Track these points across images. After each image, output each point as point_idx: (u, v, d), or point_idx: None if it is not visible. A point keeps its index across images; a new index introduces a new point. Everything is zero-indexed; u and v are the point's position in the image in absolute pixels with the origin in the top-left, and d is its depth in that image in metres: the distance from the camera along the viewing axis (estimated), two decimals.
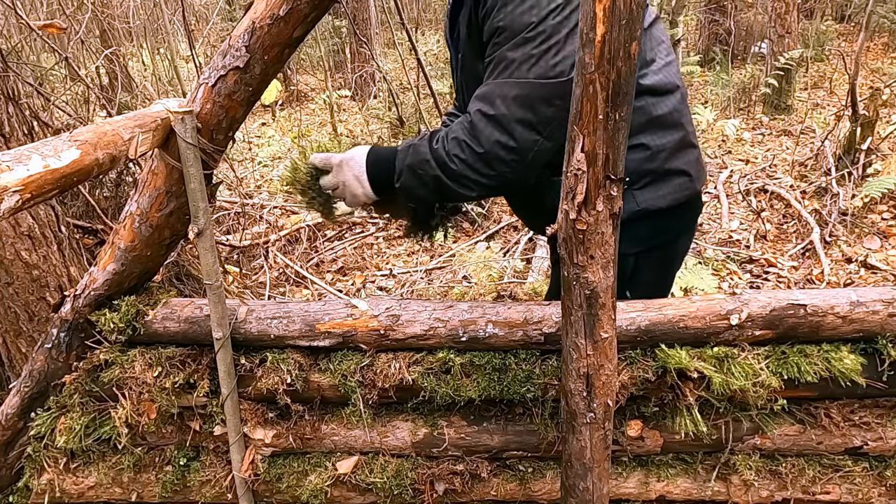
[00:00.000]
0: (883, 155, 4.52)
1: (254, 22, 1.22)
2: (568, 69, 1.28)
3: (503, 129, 1.32)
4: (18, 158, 0.96)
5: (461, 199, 1.48)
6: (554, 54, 1.28)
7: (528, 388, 1.43)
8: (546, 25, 1.27)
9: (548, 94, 1.30)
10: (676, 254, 1.69)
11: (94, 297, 1.46)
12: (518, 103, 1.31)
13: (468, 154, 1.36)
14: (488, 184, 1.37)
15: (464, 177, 1.37)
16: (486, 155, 1.35)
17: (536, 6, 1.27)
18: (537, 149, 1.34)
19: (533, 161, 1.35)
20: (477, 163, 1.36)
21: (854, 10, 10.58)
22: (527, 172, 1.37)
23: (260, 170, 6.07)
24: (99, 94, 3.45)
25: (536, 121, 1.31)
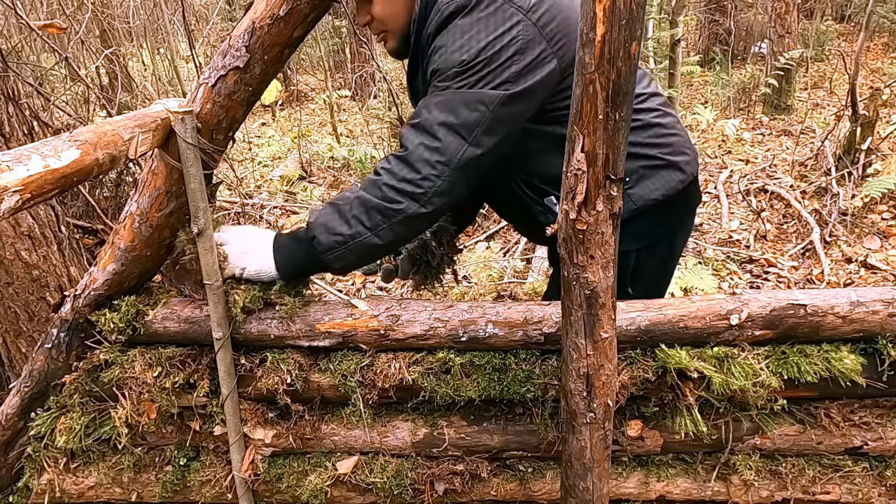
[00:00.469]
0: (883, 155, 4.52)
1: (254, 22, 1.22)
2: (496, 86, 1.32)
3: (425, 131, 1.34)
4: (18, 158, 0.96)
5: (398, 226, 1.37)
6: (479, 78, 1.32)
7: (528, 388, 1.43)
8: (475, 60, 1.32)
9: (469, 99, 1.33)
10: (676, 246, 1.70)
11: (94, 297, 1.46)
12: (440, 108, 1.34)
13: (393, 163, 1.36)
14: (417, 192, 1.33)
15: (390, 188, 1.34)
16: (410, 156, 1.34)
17: (466, 45, 1.33)
18: (463, 153, 1.33)
19: (462, 167, 1.34)
20: (402, 169, 1.34)
21: (854, 10, 10.58)
22: (457, 180, 1.35)
23: (260, 170, 6.07)
24: (99, 94, 3.45)
25: (459, 123, 1.32)
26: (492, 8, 1.35)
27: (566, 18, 1.42)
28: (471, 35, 1.34)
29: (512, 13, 1.35)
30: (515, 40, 1.33)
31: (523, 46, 1.34)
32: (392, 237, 1.38)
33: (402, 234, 1.40)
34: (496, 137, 1.36)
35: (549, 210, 1.54)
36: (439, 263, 1.83)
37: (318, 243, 1.39)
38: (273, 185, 5.50)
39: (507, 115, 1.35)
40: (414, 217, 1.36)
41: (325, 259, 1.40)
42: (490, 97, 1.32)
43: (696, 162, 1.61)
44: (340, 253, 1.38)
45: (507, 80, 1.32)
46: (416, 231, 1.48)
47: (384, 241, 1.38)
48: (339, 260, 1.40)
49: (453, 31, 1.36)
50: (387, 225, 1.36)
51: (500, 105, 1.33)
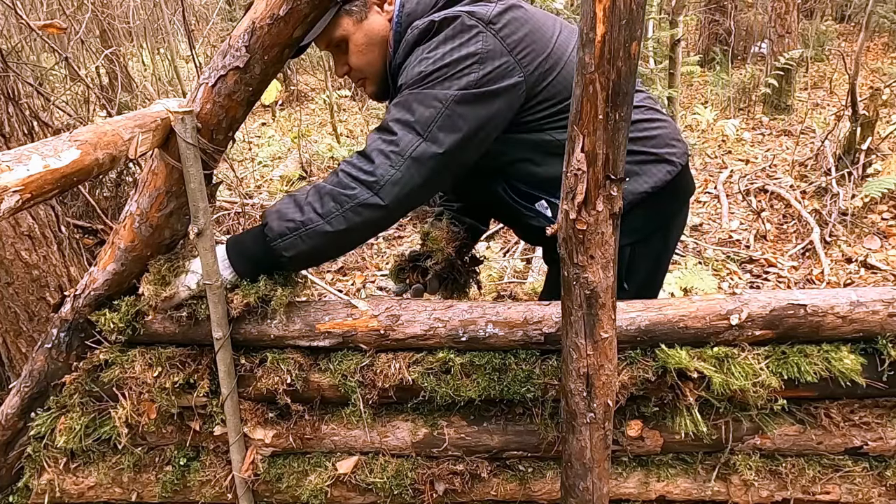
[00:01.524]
0: (883, 155, 4.52)
1: (254, 22, 1.22)
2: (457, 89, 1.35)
3: (383, 129, 1.39)
4: (18, 158, 0.96)
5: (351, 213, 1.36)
6: (435, 83, 1.36)
7: (528, 388, 1.43)
8: (432, 70, 1.37)
9: (424, 98, 1.36)
10: (671, 239, 1.72)
11: (94, 297, 1.46)
12: (397, 108, 1.39)
13: (353, 157, 1.40)
14: (369, 180, 1.34)
15: (346, 174, 1.36)
16: (367, 149, 1.38)
17: (425, 60, 1.38)
18: (417, 146, 1.35)
19: (415, 159, 1.34)
20: (360, 160, 1.37)
21: (854, 10, 10.58)
22: (411, 173, 1.35)
23: (260, 170, 6.07)
24: (99, 94, 3.45)
25: (413, 119, 1.35)
26: (454, 25, 1.38)
27: (532, 31, 1.44)
28: (432, 50, 1.39)
29: (472, 25, 1.38)
30: (475, 52, 1.36)
31: (483, 57, 1.36)
32: (344, 225, 1.36)
33: (356, 223, 1.36)
34: (455, 136, 1.36)
35: (541, 214, 1.56)
36: (466, 279, 1.89)
37: (270, 230, 1.38)
38: (273, 185, 5.50)
39: (466, 114, 1.36)
40: (366, 205, 1.35)
41: (276, 247, 1.38)
42: (444, 94, 1.35)
43: (685, 153, 1.62)
44: (291, 240, 1.37)
45: (464, 86, 1.36)
46: (371, 223, 1.40)
47: (335, 229, 1.36)
48: (290, 247, 1.38)
49: (417, 52, 1.41)
50: (339, 212, 1.35)
51: (456, 102, 1.35)
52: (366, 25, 1.50)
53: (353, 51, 1.53)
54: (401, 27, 1.50)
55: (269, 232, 1.38)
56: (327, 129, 7.30)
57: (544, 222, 1.54)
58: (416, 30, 1.42)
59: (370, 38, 1.51)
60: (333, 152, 6.03)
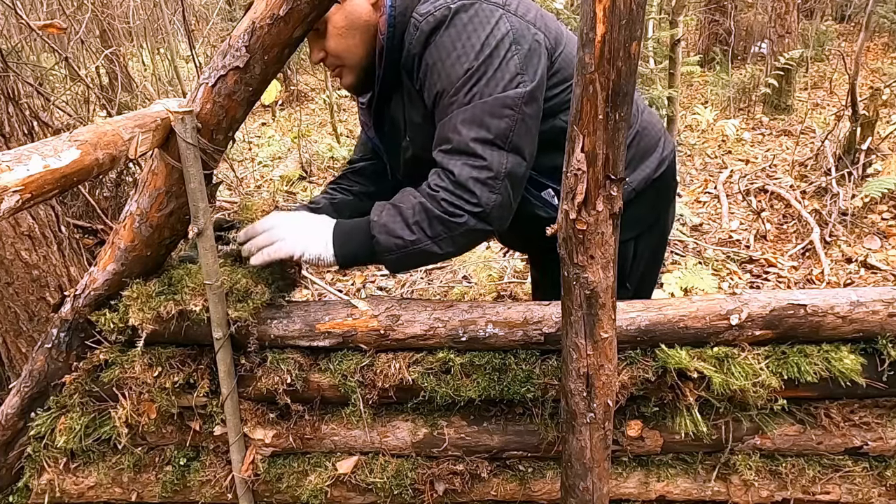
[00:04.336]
0: (883, 155, 4.52)
1: (254, 22, 1.22)
2: (509, 84, 1.32)
3: (464, 153, 1.34)
4: (18, 158, 0.96)
5: (460, 238, 1.39)
6: (488, 80, 1.33)
7: (528, 388, 1.43)
8: (477, 64, 1.33)
9: (491, 108, 1.32)
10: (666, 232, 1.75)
11: (94, 297, 1.46)
12: (467, 125, 1.33)
13: (447, 183, 1.36)
14: (476, 211, 1.35)
15: (450, 203, 1.34)
16: (460, 178, 1.34)
17: (463, 55, 1.33)
18: (507, 163, 1.34)
19: (508, 175, 1.35)
20: (457, 189, 1.35)
21: (854, 10, 10.58)
22: (509, 189, 1.36)
23: (260, 170, 6.08)
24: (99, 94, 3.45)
25: (493, 136, 1.33)
26: (472, 11, 1.35)
27: (537, 10, 1.45)
28: (462, 43, 1.34)
29: (491, 10, 1.36)
30: (507, 34, 1.34)
31: (516, 37, 1.35)
32: (452, 248, 1.40)
33: (462, 244, 1.42)
34: (529, 137, 1.37)
35: (548, 203, 1.55)
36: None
37: (378, 243, 1.39)
38: (273, 185, 5.50)
39: (533, 112, 1.36)
40: (475, 230, 1.38)
41: (382, 258, 1.41)
42: (512, 99, 1.33)
43: (672, 142, 1.66)
44: (398, 256, 1.40)
45: (515, 72, 1.33)
46: (476, 243, 1.52)
47: (443, 251, 1.40)
48: (396, 263, 1.42)
49: (442, 46, 1.36)
50: (448, 236, 1.37)
51: (525, 104, 1.34)
52: (347, 7, 1.43)
53: (331, 33, 1.44)
54: (395, 10, 1.43)
55: (377, 245, 1.39)
56: (327, 129, 7.30)
57: (551, 212, 1.54)
58: (430, 17, 1.36)
59: (351, 21, 1.44)
60: (333, 152, 6.04)
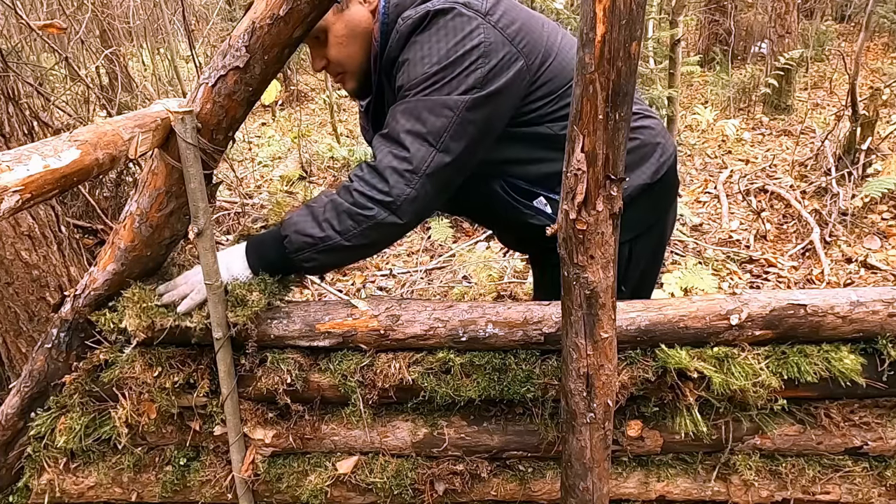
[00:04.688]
0: (883, 155, 4.52)
1: (254, 22, 1.22)
2: (465, 91, 1.32)
3: (393, 140, 1.35)
4: (18, 158, 0.96)
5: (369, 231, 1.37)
6: (443, 84, 1.33)
7: (528, 388, 1.43)
8: (438, 69, 1.33)
9: (434, 105, 1.33)
10: (665, 236, 1.73)
11: (94, 297, 1.46)
12: (405, 116, 1.34)
13: (365, 171, 1.36)
14: (387, 201, 1.33)
15: (360, 194, 1.34)
16: (379, 165, 1.35)
17: (427, 56, 1.34)
18: (432, 160, 1.33)
19: (430, 174, 1.33)
20: (373, 177, 1.34)
21: (854, 10, 10.58)
22: (427, 188, 1.35)
23: (260, 170, 6.08)
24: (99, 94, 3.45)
25: (426, 131, 1.33)
26: (449, 16, 1.35)
27: (525, 21, 1.43)
28: (431, 45, 1.35)
29: (469, 18, 1.35)
30: (478, 46, 1.34)
31: (487, 50, 1.34)
32: (363, 241, 1.38)
33: (374, 239, 1.40)
34: (464, 142, 1.35)
35: (540, 212, 1.54)
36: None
37: (290, 242, 1.39)
38: (273, 185, 5.50)
39: (476, 119, 1.35)
40: (384, 224, 1.36)
41: (294, 259, 1.40)
42: (455, 102, 1.32)
43: (673, 144, 1.64)
44: (309, 254, 1.39)
45: (473, 85, 1.33)
46: (389, 238, 1.47)
47: (354, 244, 1.38)
48: (308, 260, 1.41)
49: (414, 46, 1.37)
50: (357, 230, 1.36)
51: (467, 109, 1.33)
52: (347, 16, 1.44)
53: (332, 42, 1.46)
54: (388, 18, 1.44)
55: (289, 244, 1.39)
56: (327, 129, 7.30)
57: (544, 220, 1.53)
58: (409, 20, 1.38)
59: (351, 29, 1.46)
60: (333, 152, 6.03)
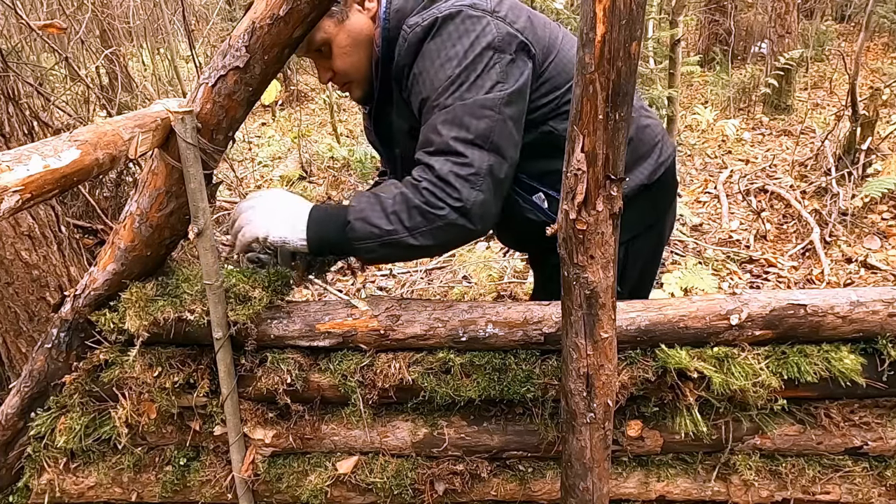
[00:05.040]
0: (883, 155, 4.52)
1: (254, 22, 1.22)
2: (490, 89, 1.32)
3: (445, 152, 1.33)
4: (18, 158, 0.96)
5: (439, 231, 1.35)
6: (470, 85, 1.33)
7: (528, 388, 1.43)
8: (459, 70, 1.33)
9: (471, 109, 1.32)
10: (663, 237, 1.74)
11: (94, 297, 1.46)
12: (447, 126, 1.33)
13: (429, 175, 1.33)
14: (458, 205, 1.31)
15: (431, 193, 1.31)
16: (440, 172, 1.32)
17: (447, 62, 1.34)
18: (488, 161, 1.33)
19: (490, 174, 1.33)
20: (440, 182, 1.32)
21: (854, 10, 10.58)
22: (493, 190, 1.34)
23: (260, 170, 6.08)
24: (99, 94, 3.45)
25: (473, 136, 1.32)
26: (458, 20, 1.36)
27: (529, 17, 1.45)
28: (447, 50, 1.35)
29: (478, 17, 1.36)
30: (491, 42, 1.34)
31: (500, 44, 1.35)
32: (430, 241, 1.35)
33: (441, 240, 1.36)
34: (510, 138, 1.36)
35: (538, 207, 1.55)
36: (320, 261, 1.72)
37: (353, 230, 1.35)
38: (273, 185, 5.50)
39: (513, 114, 1.36)
40: (455, 225, 1.33)
41: (356, 247, 1.37)
42: (492, 100, 1.32)
43: (672, 145, 1.64)
44: (372, 245, 1.36)
45: (497, 80, 1.33)
46: (456, 241, 1.44)
47: (420, 244, 1.35)
48: (369, 253, 1.38)
49: (427, 55, 1.37)
50: (427, 228, 1.33)
51: (505, 105, 1.33)
52: (348, 26, 1.44)
53: (337, 54, 1.47)
54: (389, 23, 1.44)
55: (352, 232, 1.35)
56: (327, 129, 7.30)
57: (541, 216, 1.54)
58: (418, 27, 1.38)
59: (354, 38, 1.46)
60: (333, 152, 6.03)
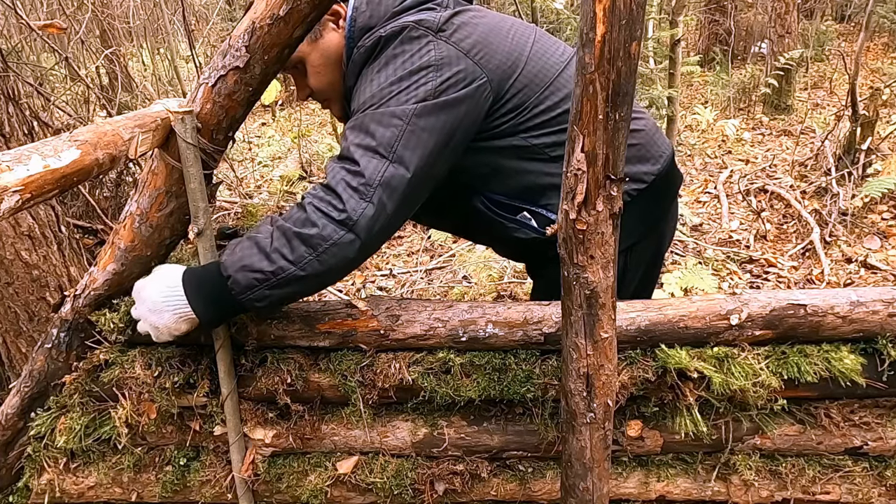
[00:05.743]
0: (883, 155, 4.52)
1: (254, 22, 1.22)
2: (414, 101, 1.27)
3: (343, 158, 1.28)
4: (18, 158, 0.96)
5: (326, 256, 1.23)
6: (392, 97, 1.28)
7: (528, 388, 1.43)
8: (386, 85, 1.30)
9: (379, 117, 1.27)
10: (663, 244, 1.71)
11: (94, 297, 1.46)
12: (354, 132, 1.28)
13: (318, 190, 1.25)
14: (341, 218, 1.22)
15: (314, 210, 1.22)
16: (331, 182, 1.24)
17: (376, 80, 1.32)
18: (384, 172, 1.23)
19: (384, 185, 1.23)
20: (326, 194, 1.24)
21: (854, 10, 10.59)
22: (386, 203, 1.24)
23: (260, 170, 6.08)
24: (99, 94, 3.45)
25: (375, 143, 1.25)
26: (397, 41, 1.32)
27: (486, 31, 1.38)
28: (381, 68, 1.32)
29: (419, 37, 1.32)
30: (428, 62, 1.29)
31: (438, 64, 1.29)
32: (320, 268, 1.23)
33: (331, 265, 1.24)
34: (419, 152, 1.26)
35: (525, 225, 1.52)
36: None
37: (236, 283, 1.24)
38: (273, 185, 5.50)
39: (428, 127, 1.27)
40: (341, 244, 1.23)
41: (244, 300, 1.25)
42: (403, 111, 1.26)
43: (670, 146, 1.60)
44: (261, 291, 1.24)
45: (423, 97, 1.27)
46: (347, 262, 1.28)
47: (310, 273, 1.23)
48: (260, 299, 1.25)
49: (363, 77, 1.35)
50: (312, 256, 1.22)
51: (416, 116, 1.26)
52: (321, 45, 1.43)
53: (311, 73, 1.45)
54: (353, 43, 1.40)
55: (235, 286, 1.24)
56: (327, 129, 7.30)
57: (530, 233, 1.52)
58: (363, 49, 1.35)
59: (327, 57, 1.44)
60: (333, 152, 6.03)
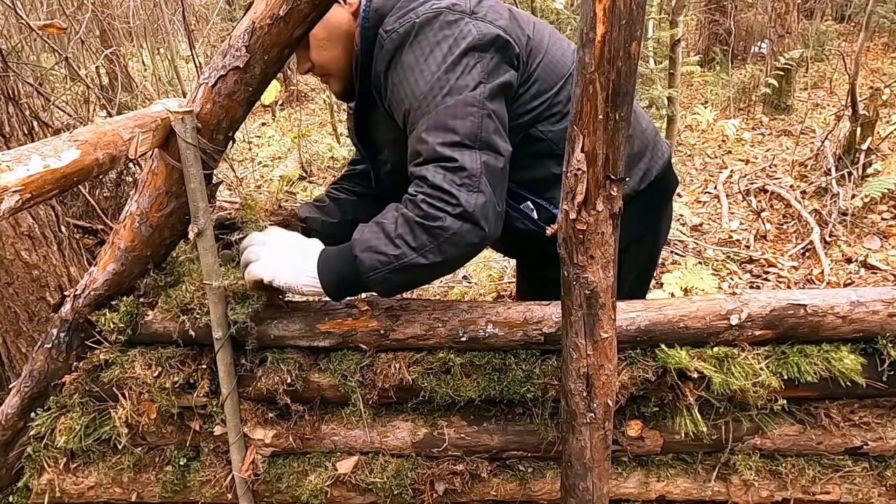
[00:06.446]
0: (883, 155, 4.52)
1: (254, 22, 1.22)
2: (474, 86, 1.28)
3: (436, 159, 1.28)
4: (18, 158, 0.96)
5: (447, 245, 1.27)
6: (450, 88, 1.29)
7: (528, 388, 1.43)
8: (439, 75, 1.30)
9: (453, 111, 1.27)
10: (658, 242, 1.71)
11: (94, 297, 1.46)
12: (432, 133, 1.28)
13: (424, 188, 1.26)
14: (458, 211, 1.24)
15: (430, 205, 1.25)
16: (436, 183, 1.26)
17: (426, 70, 1.31)
18: (480, 161, 1.27)
19: (485, 174, 1.27)
20: (436, 192, 1.25)
21: (854, 10, 10.59)
22: (491, 189, 1.28)
23: (260, 170, 6.08)
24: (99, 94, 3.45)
25: (459, 138, 1.27)
26: (435, 25, 1.32)
27: (511, 17, 1.42)
28: (425, 58, 1.31)
29: (456, 20, 1.32)
30: (471, 43, 1.30)
31: (481, 44, 1.31)
32: (440, 257, 1.27)
33: (451, 254, 1.28)
34: (500, 132, 1.31)
35: (526, 216, 1.53)
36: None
37: (361, 263, 1.29)
38: (273, 185, 5.50)
39: (497, 109, 1.31)
40: (461, 234, 1.26)
41: (367, 279, 1.30)
42: (473, 97, 1.28)
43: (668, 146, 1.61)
44: (384, 274, 1.29)
45: (479, 79, 1.30)
46: (468, 251, 1.32)
47: (430, 262, 1.27)
48: (384, 283, 1.31)
49: (406, 64, 1.33)
50: (434, 244, 1.25)
51: (487, 100, 1.29)
52: (326, 18, 1.40)
53: (313, 45, 1.45)
54: (368, 23, 1.41)
55: (360, 266, 1.29)
56: (327, 129, 7.30)
57: (530, 224, 1.53)
58: (395, 34, 1.35)
59: (331, 31, 1.44)
60: (333, 152, 6.04)
